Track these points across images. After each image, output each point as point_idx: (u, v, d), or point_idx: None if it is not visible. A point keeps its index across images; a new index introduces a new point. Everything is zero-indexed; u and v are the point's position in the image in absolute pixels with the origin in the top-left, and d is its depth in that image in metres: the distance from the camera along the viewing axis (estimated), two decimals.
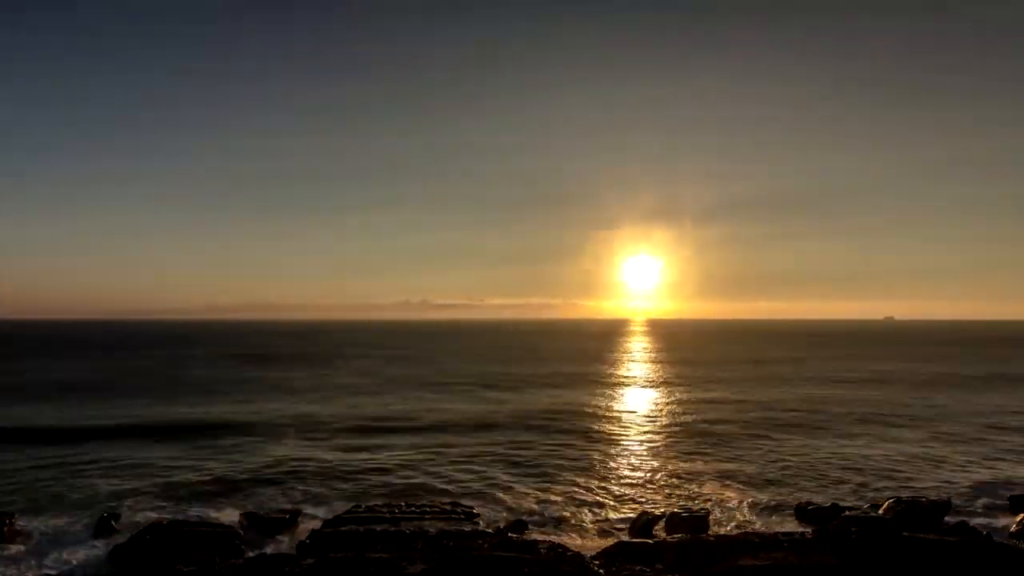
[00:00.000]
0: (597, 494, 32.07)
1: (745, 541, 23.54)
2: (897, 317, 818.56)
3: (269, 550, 24.14)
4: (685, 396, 67.41)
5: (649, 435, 46.95)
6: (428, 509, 26.90)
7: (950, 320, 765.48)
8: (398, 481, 33.89)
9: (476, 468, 36.52)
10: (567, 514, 28.92)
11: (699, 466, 37.33)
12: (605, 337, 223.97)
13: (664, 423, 51.58)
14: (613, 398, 67.13)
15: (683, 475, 35.57)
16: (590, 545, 24.99)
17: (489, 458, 38.89)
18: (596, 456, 39.91)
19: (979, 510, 29.50)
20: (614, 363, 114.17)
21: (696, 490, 32.69)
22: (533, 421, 52.51)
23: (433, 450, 41.11)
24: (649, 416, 55.15)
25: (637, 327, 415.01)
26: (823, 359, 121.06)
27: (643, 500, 31.19)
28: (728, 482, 33.87)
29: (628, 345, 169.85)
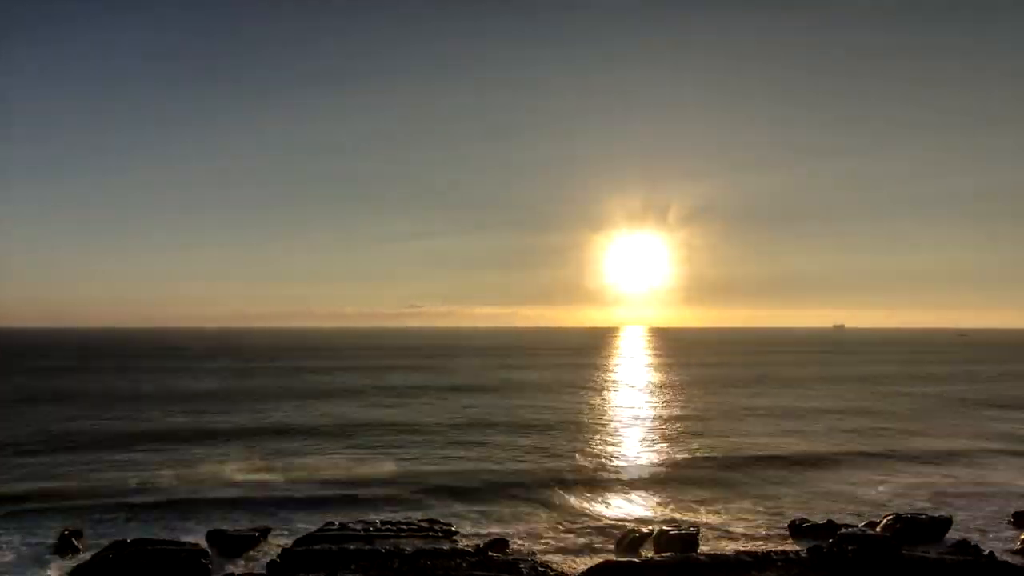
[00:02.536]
0: (582, 510, 30.98)
1: (736, 560, 22.70)
2: (847, 325, 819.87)
3: (237, 569, 23.21)
4: (676, 407, 66.42)
5: (638, 448, 45.88)
6: (404, 526, 25.95)
7: (908, 328, 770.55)
8: (375, 497, 32.79)
9: (455, 482, 35.41)
10: (551, 531, 27.84)
11: (690, 481, 36.29)
12: (594, 348, 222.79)
13: (653, 436, 50.52)
14: (600, 409, 66.10)
15: (672, 491, 34.49)
16: (575, 564, 24.00)
17: (469, 472, 37.76)
18: (582, 470, 38.84)
19: (981, 527, 28.50)
20: (600, 371, 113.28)
21: (686, 507, 31.61)
22: (514, 433, 51.47)
23: (411, 464, 40.05)
24: (638, 429, 54.10)
25: (627, 336, 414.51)
26: (810, 370, 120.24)
27: (630, 517, 30.06)
28: (719, 498, 32.82)
29: (616, 359, 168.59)
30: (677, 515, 30.22)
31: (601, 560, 23.45)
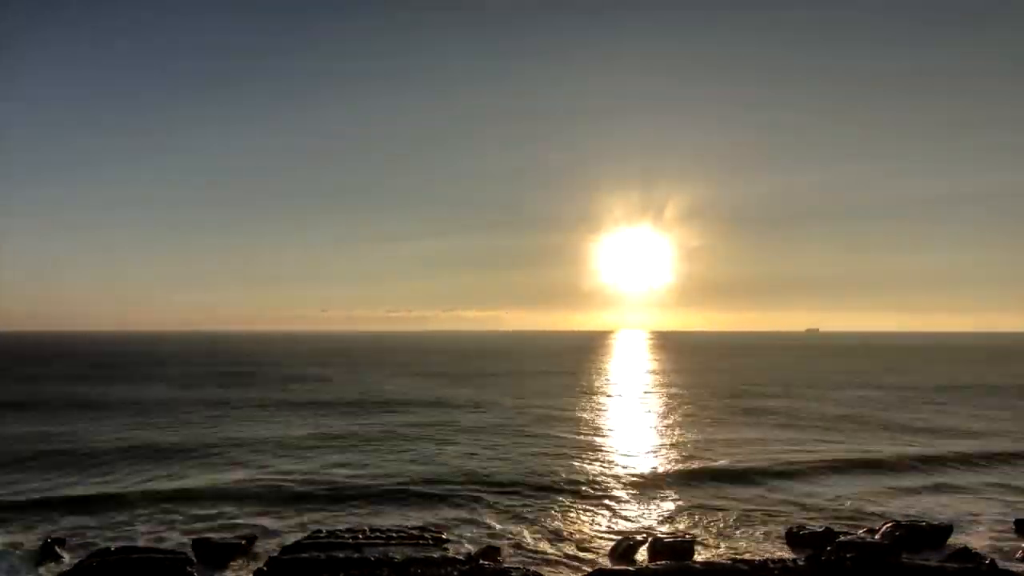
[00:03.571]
0: (575, 517, 30.49)
1: (733, 568, 22.20)
2: (822, 329, 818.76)
3: None
4: (671, 412, 65.84)
5: (632, 453, 45.30)
6: (394, 534, 25.45)
7: (890, 332, 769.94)
8: (363, 504, 32.24)
9: (445, 489, 34.86)
10: (543, 538, 27.33)
11: (686, 488, 35.76)
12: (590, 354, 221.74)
13: (649, 443, 49.97)
14: (594, 413, 65.53)
15: (668, 498, 33.99)
16: (568, 572, 23.50)
17: (460, 479, 37.17)
18: (575, 476, 38.26)
19: (983, 534, 28.02)
20: (595, 371, 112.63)
21: (681, 514, 31.10)
22: (505, 437, 50.91)
23: (402, 470, 39.45)
24: (631, 434, 53.55)
25: (622, 342, 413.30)
26: (809, 374, 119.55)
27: (625, 524, 29.55)
28: (715, 505, 32.29)
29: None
30: (673, 522, 29.71)
31: (594, 568, 22.98)
